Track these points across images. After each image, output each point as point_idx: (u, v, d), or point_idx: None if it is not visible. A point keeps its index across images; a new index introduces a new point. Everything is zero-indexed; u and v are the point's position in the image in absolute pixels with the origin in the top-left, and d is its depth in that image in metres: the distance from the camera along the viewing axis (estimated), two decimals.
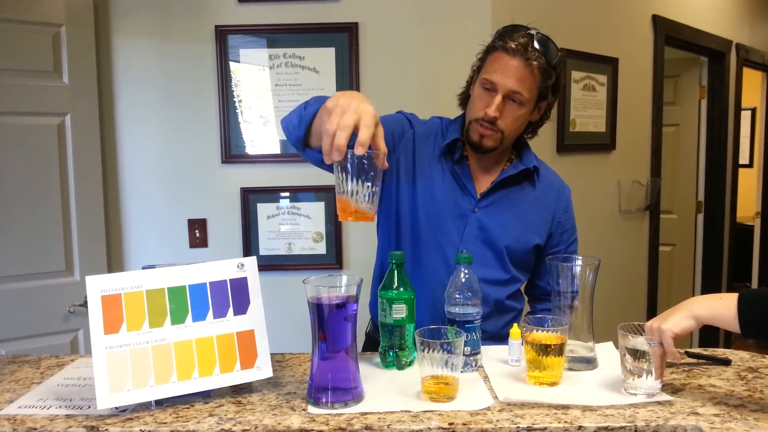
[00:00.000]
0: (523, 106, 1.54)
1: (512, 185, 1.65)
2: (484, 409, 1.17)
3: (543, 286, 1.74)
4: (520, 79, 1.50)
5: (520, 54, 1.49)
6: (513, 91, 1.51)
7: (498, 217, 1.62)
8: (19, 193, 2.29)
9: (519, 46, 1.49)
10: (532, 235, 1.66)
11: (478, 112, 1.55)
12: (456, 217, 1.61)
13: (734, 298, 1.14)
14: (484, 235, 1.61)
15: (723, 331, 4.78)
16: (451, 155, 1.63)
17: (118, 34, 2.57)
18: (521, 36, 1.52)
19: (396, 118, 1.68)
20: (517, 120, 1.56)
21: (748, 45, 4.95)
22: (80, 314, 2.38)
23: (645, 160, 3.90)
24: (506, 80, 1.50)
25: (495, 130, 1.54)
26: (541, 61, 1.51)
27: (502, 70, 1.51)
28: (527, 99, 1.53)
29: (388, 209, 1.66)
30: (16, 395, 1.27)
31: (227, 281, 1.28)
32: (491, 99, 1.52)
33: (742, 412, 1.15)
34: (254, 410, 1.17)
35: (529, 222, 1.65)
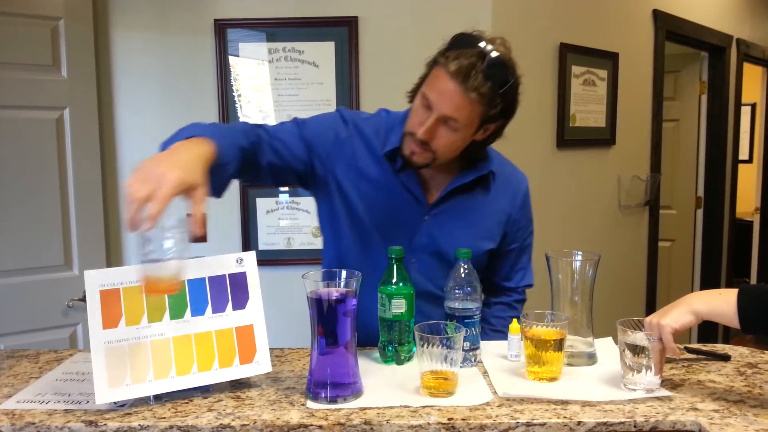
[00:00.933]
0: (459, 131, 1.39)
1: (465, 192, 1.54)
2: (484, 404, 1.17)
3: (497, 281, 1.67)
4: (457, 106, 1.34)
5: (460, 79, 1.32)
6: (447, 116, 1.36)
7: (449, 226, 1.52)
8: (17, 187, 2.28)
9: (460, 70, 1.31)
10: (484, 242, 1.56)
11: (411, 126, 1.42)
12: (405, 225, 1.52)
13: (734, 294, 1.14)
14: (434, 244, 1.52)
15: (721, 327, 4.78)
16: (393, 161, 1.50)
17: (117, 27, 2.56)
18: (468, 55, 1.32)
19: (332, 120, 1.55)
20: (451, 144, 1.41)
21: (749, 40, 4.94)
22: (79, 309, 2.38)
23: (645, 156, 3.90)
24: (441, 104, 1.35)
25: (426, 149, 1.41)
26: (484, 90, 1.32)
27: (439, 90, 1.35)
28: (464, 125, 1.38)
29: (325, 218, 1.59)
30: (14, 390, 1.27)
31: (226, 276, 1.28)
32: (425, 117, 1.38)
33: (741, 407, 1.15)
34: (253, 405, 1.17)
35: (481, 228, 1.56)
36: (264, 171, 1.47)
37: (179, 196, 1.12)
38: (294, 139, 1.49)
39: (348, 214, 1.53)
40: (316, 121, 1.55)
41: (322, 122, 1.55)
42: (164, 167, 1.11)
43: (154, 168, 1.10)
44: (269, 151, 1.46)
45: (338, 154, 1.52)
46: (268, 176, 1.50)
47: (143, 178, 1.09)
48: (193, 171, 1.15)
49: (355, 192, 1.52)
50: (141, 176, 1.09)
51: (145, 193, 1.07)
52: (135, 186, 1.08)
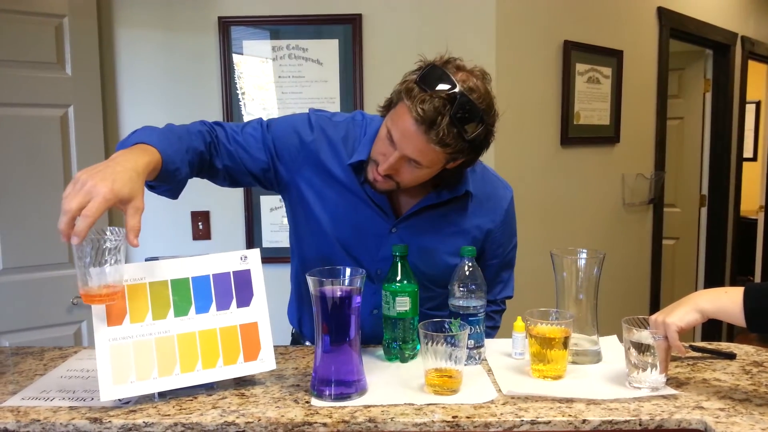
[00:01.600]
0: (423, 169, 1.32)
1: (438, 207, 1.47)
2: (488, 402, 1.17)
3: None
4: (420, 150, 1.27)
5: (424, 128, 1.23)
6: (412, 159, 1.29)
7: (417, 241, 1.45)
8: (22, 184, 2.28)
9: (425, 118, 1.22)
10: (454, 258, 1.44)
11: (376, 155, 1.36)
12: (370, 236, 1.46)
13: (740, 292, 1.14)
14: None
15: (726, 325, 4.77)
16: (359, 173, 1.44)
17: (121, 25, 2.56)
18: (436, 98, 1.22)
19: (298, 123, 1.48)
20: (416, 178, 1.36)
21: (754, 38, 4.93)
22: (84, 306, 2.38)
23: (649, 154, 3.89)
24: (403, 145, 1.28)
25: (389, 180, 1.36)
26: (448, 140, 1.24)
27: (402, 131, 1.27)
28: (427, 166, 1.31)
29: (290, 221, 1.57)
30: (19, 387, 1.27)
31: (230, 273, 1.28)
32: (389, 152, 1.31)
33: (747, 406, 1.15)
34: (257, 402, 1.17)
35: (452, 245, 1.47)
36: (220, 173, 1.46)
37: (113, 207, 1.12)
38: (255, 143, 1.45)
39: (311, 223, 1.49)
40: (281, 124, 1.49)
41: (287, 126, 1.49)
42: (97, 179, 1.10)
43: (88, 180, 1.10)
44: (225, 155, 1.44)
45: (303, 159, 1.47)
46: (225, 178, 1.48)
47: (77, 189, 1.10)
48: (128, 183, 1.13)
49: (317, 201, 1.47)
50: (75, 187, 1.10)
51: (76, 206, 1.08)
52: (68, 197, 1.09)
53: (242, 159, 1.45)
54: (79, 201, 1.08)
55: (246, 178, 1.49)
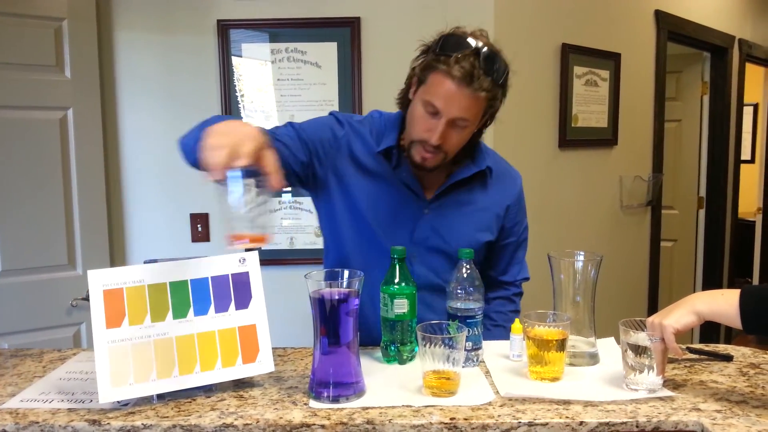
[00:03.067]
0: (468, 128, 1.44)
1: (463, 185, 1.57)
2: (486, 404, 1.17)
3: (495, 276, 1.69)
4: (466, 107, 1.39)
5: (466, 83, 1.35)
6: (458, 118, 1.40)
7: (448, 219, 1.56)
8: (21, 187, 2.29)
9: (465, 75, 1.35)
10: (483, 234, 1.59)
11: (420, 134, 1.44)
12: (405, 219, 1.54)
13: (736, 294, 1.14)
14: (435, 238, 1.55)
15: (723, 327, 4.78)
16: (389, 160, 1.54)
17: (120, 28, 2.56)
18: (467, 57, 1.35)
19: (327, 121, 1.58)
20: (461, 141, 1.47)
21: (751, 41, 4.94)
22: (83, 308, 2.38)
23: (647, 156, 3.90)
24: (450, 108, 1.38)
25: (438, 152, 1.45)
26: (487, 86, 1.37)
27: (446, 97, 1.38)
28: (472, 122, 1.44)
29: (325, 217, 1.61)
30: (18, 389, 1.27)
31: (229, 276, 1.28)
32: (434, 124, 1.41)
33: (744, 408, 1.15)
34: (256, 404, 1.18)
35: (479, 221, 1.59)
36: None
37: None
38: (293, 142, 1.51)
39: (349, 212, 1.55)
40: (311, 124, 1.57)
41: (317, 124, 1.57)
42: (241, 126, 1.17)
43: (234, 128, 1.16)
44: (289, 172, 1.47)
45: (336, 152, 1.55)
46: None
47: (225, 132, 1.15)
48: (260, 134, 1.19)
49: (355, 188, 1.54)
50: (222, 132, 1.15)
51: (228, 142, 1.12)
52: (215, 138, 1.14)
53: (287, 158, 1.48)
54: (232, 140, 1.13)
55: (290, 178, 1.52)
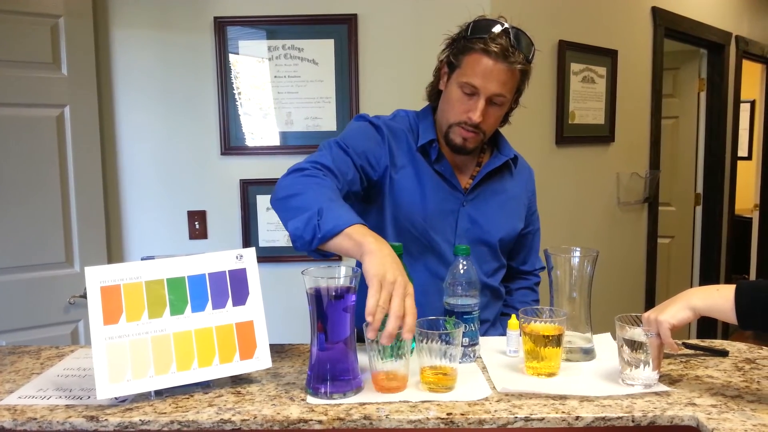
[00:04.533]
0: (504, 106, 1.54)
1: (493, 176, 1.65)
2: (482, 399, 1.17)
3: (516, 266, 1.77)
4: (503, 82, 1.48)
5: (503, 58, 1.45)
6: (496, 94, 1.49)
7: (486, 209, 1.63)
8: (18, 184, 2.28)
9: (502, 50, 1.45)
10: (517, 221, 1.69)
11: (459, 115, 1.52)
12: (446, 213, 1.60)
13: (732, 290, 1.15)
14: (476, 228, 1.61)
15: (721, 322, 4.79)
16: (427, 154, 1.60)
17: (117, 25, 2.56)
18: (499, 36, 1.47)
19: (364, 130, 1.59)
20: (497, 120, 1.56)
21: (748, 37, 4.94)
22: (80, 305, 2.38)
23: (644, 153, 3.90)
24: (489, 84, 1.47)
25: (478, 132, 1.52)
26: (521, 61, 1.48)
27: (484, 74, 1.47)
28: (509, 99, 1.53)
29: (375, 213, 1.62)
30: (16, 386, 1.27)
31: (226, 272, 1.29)
32: (473, 103, 1.49)
33: (739, 402, 1.16)
34: (253, 400, 1.18)
35: (512, 209, 1.68)
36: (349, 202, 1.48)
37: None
38: (349, 168, 1.49)
39: (396, 210, 1.58)
40: (353, 137, 1.55)
41: (359, 135, 1.57)
42: (398, 275, 1.15)
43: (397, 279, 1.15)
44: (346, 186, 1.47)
45: (381, 156, 1.57)
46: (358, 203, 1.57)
47: (388, 290, 1.14)
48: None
49: (400, 186, 1.58)
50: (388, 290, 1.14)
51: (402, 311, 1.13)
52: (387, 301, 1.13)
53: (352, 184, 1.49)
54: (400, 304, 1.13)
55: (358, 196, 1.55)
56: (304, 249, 1.31)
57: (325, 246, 1.26)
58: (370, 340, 1.19)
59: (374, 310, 1.12)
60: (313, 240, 1.25)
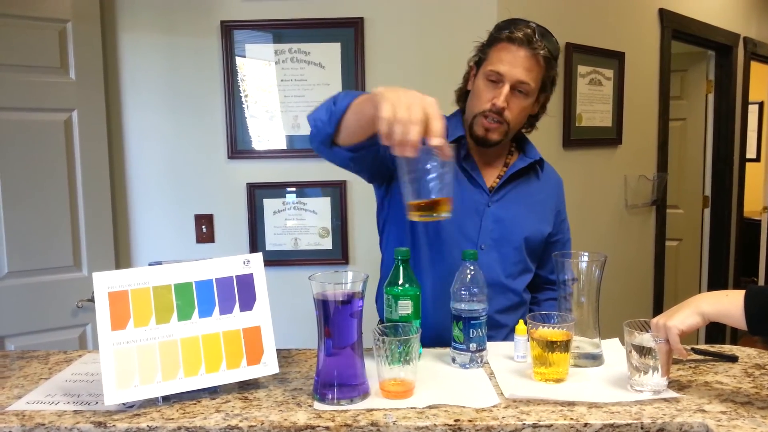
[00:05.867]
0: (529, 96, 1.55)
1: (519, 177, 1.66)
2: (490, 405, 1.17)
3: (545, 275, 1.76)
4: (528, 68, 1.51)
5: (527, 44, 1.50)
6: (520, 81, 1.51)
7: (512, 210, 1.63)
8: (26, 189, 2.29)
9: (525, 36, 1.50)
10: (544, 225, 1.70)
11: (484, 104, 1.54)
12: (471, 213, 1.61)
13: (741, 295, 1.14)
14: (501, 229, 1.62)
15: (730, 328, 4.76)
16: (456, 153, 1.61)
17: (125, 29, 2.57)
18: (525, 27, 1.52)
19: None
20: (522, 111, 1.57)
21: (756, 39, 4.92)
22: (88, 309, 2.39)
23: (651, 155, 3.88)
24: (514, 70, 1.51)
25: (501, 122, 1.54)
26: (545, 52, 1.52)
27: (509, 60, 1.51)
28: (533, 89, 1.54)
29: (398, 212, 1.63)
30: (24, 391, 1.28)
31: (233, 277, 1.29)
32: (498, 90, 1.52)
33: (749, 409, 1.15)
34: (260, 406, 1.18)
35: (539, 212, 1.69)
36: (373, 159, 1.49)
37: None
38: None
39: None
40: None
41: None
42: (415, 93, 1.14)
43: (413, 94, 1.13)
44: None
45: None
46: (372, 166, 1.54)
47: (409, 103, 1.11)
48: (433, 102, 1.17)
49: None
50: (406, 102, 1.11)
51: (423, 115, 1.10)
52: (404, 112, 1.10)
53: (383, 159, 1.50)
54: (422, 111, 1.10)
55: (383, 170, 1.56)
56: (323, 136, 1.36)
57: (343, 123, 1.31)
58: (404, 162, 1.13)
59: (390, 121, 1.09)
60: (331, 118, 1.28)
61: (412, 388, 1.21)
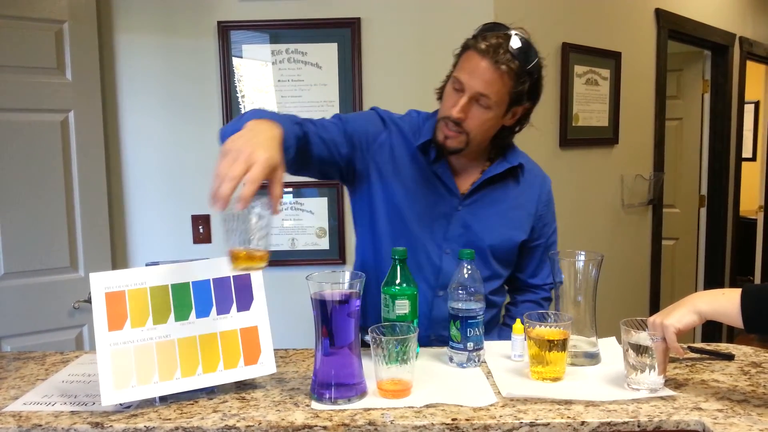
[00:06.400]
0: (491, 109, 1.47)
1: (496, 182, 1.61)
2: (488, 404, 1.17)
3: (524, 279, 1.72)
4: (488, 81, 1.43)
5: (490, 56, 1.42)
6: (479, 93, 1.44)
7: (482, 216, 1.59)
8: (23, 189, 2.29)
9: (490, 48, 1.42)
10: (516, 232, 1.63)
11: (445, 110, 1.50)
12: (439, 215, 1.58)
13: (737, 294, 1.15)
14: (468, 234, 1.58)
15: (726, 326, 4.78)
16: (427, 155, 1.58)
17: (121, 30, 2.57)
18: (496, 36, 1.44)
19: (370, 116, 1.63)
20: (483, 123, 1.49)
21: (752, 38, 4.93)
22: (85, 310, 2.39)
23: (648, 155, 3.89)
24: (473, 81, 1.44)
25: (460, 131, 1.48)
26: (512, 65, 1.42)
27: (470, 70, 1.44)
28: (495, 102, 1.46)
29: (362, 211, 1.63)
30: (21, 392, 1.27)
31: (231, 278, 1.29)
32: (458, 98, 1.46)
33: (745, 407, 1.15)
34: (258, 406, 1.18)
35: (512, 219, 1.62)
36: (313, 162, 1.51)
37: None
38: (338, 134, 1.55)
39: (387, 207, 1.58)
40: (356, 119, 1.61)
41: (361, 118, 1.63)
42: (253, 147, 1.14)
43: (244, 148, 1.13)
44: (319, 143, 1.50)
45: (379, 147, 1.59)
46: (315, 168, 1.54)
47: (234, 157, 1.12)
48: (276, 151, 1.19)
49: (394, 183, 1.58)
50: (232, 156, 1.12)
51: (240, 172, 1.10)
52: (227, 165, 1.11)
53: (331, 149, 1.53)
54: (242, 168, 1.11)
55: (331, 168, 1.57)
56: None
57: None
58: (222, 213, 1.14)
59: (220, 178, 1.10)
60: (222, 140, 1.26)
61: (409, 387, 1.21)
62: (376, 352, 1.19)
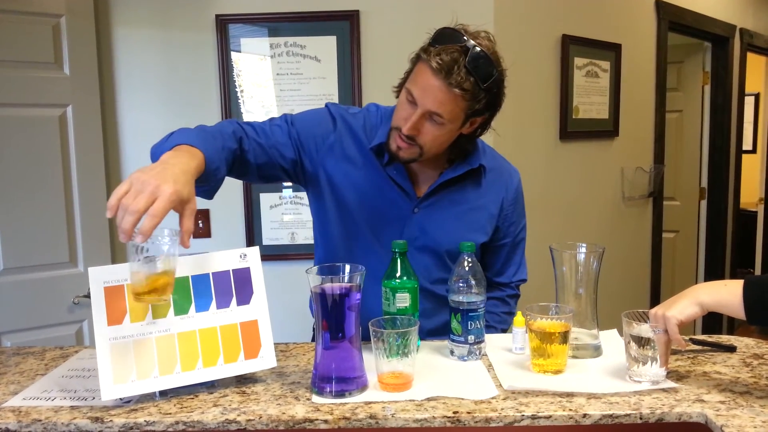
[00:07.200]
0: (444, 126, 1.39)
1: (455, 184, 1.54)
2: (489, 397, 1.17)
3: (489, 277, 1.65)
4: (440, 101, 1.35)
5: (443, 76, 1.32)
6: (431, 111, 1.36)
7: (439, 219, 1.54)
8: (21, 185, 2.28)
9: (443, 66, 1.31)
10: (476, 234, 1.56)
11: (398, 121, 1.42)
12: (394, 218, 1.53)
13: (740, 285, 1.14)
14: (424, 237, 1.53)
15: (726, 318, 4.78)
16: (381, 157, 1.52)
17: (119, 24, 2.56)
18: (452, 50, 1.32)
19: (320, 116, 1.56)
20: (437, 138, 1.42)
21: (752, 30, 4.92)
22: (84, 305, 2.38)
23: (648, 147, 3.89)
24: (424, 99, 1.36)
25: (413, 144, 1.41)
26: (467, 86, 1.32)
27: (422, 86, 1.36)
28: (449, 120, 1.38)
29: (316, 212, 1.60)
30: (20, 387, 1.27)
31: (230, 272, 1.28)
32: (410, 113, 1.38)
33: (747, 398, 1.15)
34: (258, 400, 1.18)
35: (472, 221, 1.57)
36: (252, 169, 1.49)
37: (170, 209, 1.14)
38: (282, 137, 1.51)
39: (338, 209, 1.55)
40: (304, 117, 1.56)
41: (310, 118, 1.57)
42: (160, 180, 1.11)
43: (150, 180, 1.11)
44: (258, 150, 1.47)
45: (328, 149, 1.54)
46: (256, 174, 1.51)
47: (139, 189, 1.10)
48: (186, 184, 1.16)
49: (345, 185, 1.53)
50: (137, 188, 1.10)
51: (143, 206, 1.08)
52: (131, 198, 1.09)
53: (272, 154, 1.50)
54: (145, 201, 1.09)
55: (276, 172, 1.53)
56: None
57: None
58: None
59: (113, 204, 1.08)
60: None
61: (410, 380, 1.21)
62: (377, 345, 1.19)
